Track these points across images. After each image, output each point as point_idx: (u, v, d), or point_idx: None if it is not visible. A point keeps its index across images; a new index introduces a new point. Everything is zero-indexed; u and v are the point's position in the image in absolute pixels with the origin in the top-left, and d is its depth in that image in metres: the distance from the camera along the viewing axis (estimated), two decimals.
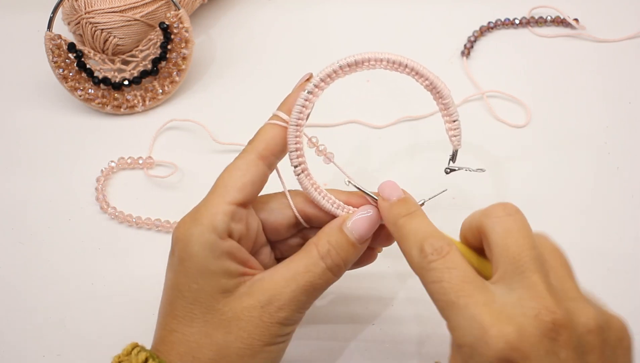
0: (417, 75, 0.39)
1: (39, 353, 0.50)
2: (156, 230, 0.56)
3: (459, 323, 0.33)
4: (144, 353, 0.38)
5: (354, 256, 0.41)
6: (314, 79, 0.39)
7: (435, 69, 0.66)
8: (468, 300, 0.33)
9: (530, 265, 0.34)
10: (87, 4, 0.61)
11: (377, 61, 0.39)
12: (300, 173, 0.41)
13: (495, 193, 0.56)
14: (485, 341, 0.32)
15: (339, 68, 0.39)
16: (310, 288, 0.39)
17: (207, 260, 0.38)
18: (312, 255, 0.40)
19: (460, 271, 0.34)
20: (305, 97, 0.39)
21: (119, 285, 0.53)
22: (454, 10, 0.70)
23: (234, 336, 0.38)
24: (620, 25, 0.67)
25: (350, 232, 0.40)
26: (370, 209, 0.41)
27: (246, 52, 0.68)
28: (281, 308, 0.39)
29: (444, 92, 0.39)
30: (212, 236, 0.38)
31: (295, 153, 0.40)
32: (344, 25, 0.70)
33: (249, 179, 0.40)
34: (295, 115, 0.40)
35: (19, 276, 0.54)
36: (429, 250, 0.35)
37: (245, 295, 0.39)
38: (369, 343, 0.49)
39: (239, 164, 0.41)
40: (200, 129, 0.62)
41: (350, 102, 0.63)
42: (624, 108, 0.61)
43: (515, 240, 0.34)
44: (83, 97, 0.63)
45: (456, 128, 0.40)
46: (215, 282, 0.39)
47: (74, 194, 0.59)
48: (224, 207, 0.39)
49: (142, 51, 0.63)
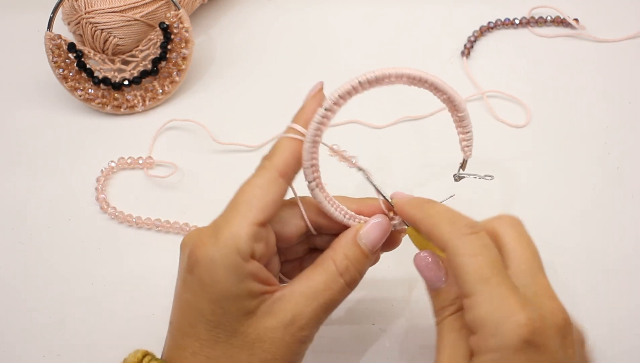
0: (436, 90, 0.39)
1: (39, 353, 0.50)
2: (156, 230, 0.56)
3: (489, 298, 0.34)
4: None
5: (368, 267, 0.41)
6: (333, 95, 0.38)
7: (435, 69, 0.66)
8: (501, 279, 0.34)
9: (541, 268, 0.37)
10: (87, 4, 0.61)
11: (397, 77, 0.38)
12: (315, 187, 0.40)
13: (495, 193, 0.56)
14: (514, 321, 0.33)
15: (359, 85, 0.38)
16: (331, 306, 0.39)
17: (232, 285, 0.37)
18: (330, 272, 0.39)
19: (495, 252, 0.35)
20: (323, 114, 0.38)
21: (119, 285, 0.53)
22: (454, 10, 0.70)
23: (257, 358, 0.38)
24: (620, 25, 0.67)
25: (363, 243, 0.40)
26: (382, 218, 0.41)
27: (246, 52, 0.68)
28: (303, 328, 0.38)
29: (461, 106, 0.40)
30: (237, 259, 0.37)
31: (310, 169, 0.39)
32: (344, 25, 0.70)
33: (270, 199, 0.39)
34: (312, 132, 0.38)
35: (19, 276, 0.54)
36: (464, 223, 0.36)
37: (266, 315, 0.38)
38: (369, 343, 0.49)
39: (260, 182, 0.39)
40: (200, 129, 0.62)
41: (350, 102, 0.63)
42: (624, 108, 0.61)
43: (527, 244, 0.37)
44: (83, 97, 0.63)
45: (469, 139, 0.41)
46: (239, 305, 0.38)
47: (74, 194, 0.59)
48: (247, 229, 0.38)
49: (142, 51, 0.63)
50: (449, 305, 0.38)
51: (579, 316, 0.50)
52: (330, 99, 0.38)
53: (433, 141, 0.60)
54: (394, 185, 0.57)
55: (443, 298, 0.39)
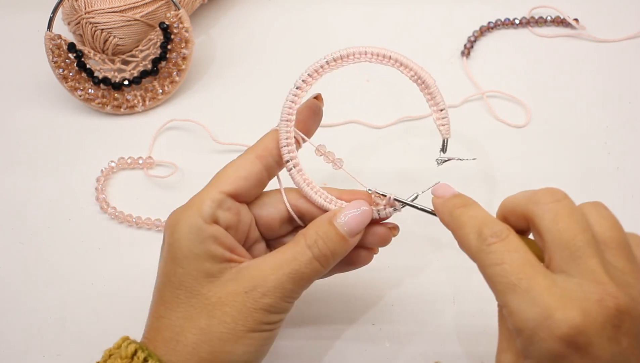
0: (402, 66, 0.40)
1: (39, 353, 0.50)
2: (156, 230, 0.56)
3: (520, 307, 0.32)
4: (134, 345, 0.38)
5: (343, 249, 0.41)
6: (303, 74, 0.40)
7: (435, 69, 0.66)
8: (530, 282, 0.32)
9: (585, 249, 0.33)
10: (87, 4, 0.61)
11: (361, 54, 0.40)
12: (292, 168, 0.42)
13: (495, 193, 0.56)
14: (549, 325, 0.31)
15: (325, 63, 0.40)
16: (296, 276, 0.39)
17: (192, 244, 0.39)
18: (299, 244, 0.40)
19: (521, 253, 0.34)
20: (294, 92, 0.41)
21: (119, 284, 0.53)
22: (454, 10, 0.70)
23: (217, 320, 0.39)
24: (620, 25, 0.67)
25: (340, 225, 0.40)
26: (363, 204, 0.41)
27: (246, 52, 0.68)
28: (265, 294, 0.39)
29: (428, 82, 0.40)
30: (198, 220, 0.40)
31: (286, 148, 0.41)
32: (344, 25, 0.70)
33: (241, 174, 0.41)
34: (285, 110, 0.41)
35: (19, 276, 0.54)
36: (488, 233, 0.35)
37: (230, 281, 0.39)
38: (369, 343, 0.49)
39: (235, 161, 0.42)
40: (200, 129, 0.62)
41: (350, 102, 0.63)
42: (624, 108, 0.61)
43: (566, 225, 0.34)
44: (83, 97, 0.63)
45: (444, 117, 0.40)
46: (199, 265, 0.39)
47: (74, 194, 0.59)
48: (213, 195, 0.40)
49: (142, 51, 0.63)
50: None
51: None
52: (300, 78, 0.41)
53: (433, 141, 0.60)
54: (394, 185, 0.57)
55: None
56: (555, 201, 0.35)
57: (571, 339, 0.31)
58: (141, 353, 0.38)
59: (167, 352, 0.39)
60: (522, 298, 0.32)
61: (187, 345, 0.39)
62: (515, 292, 0.32)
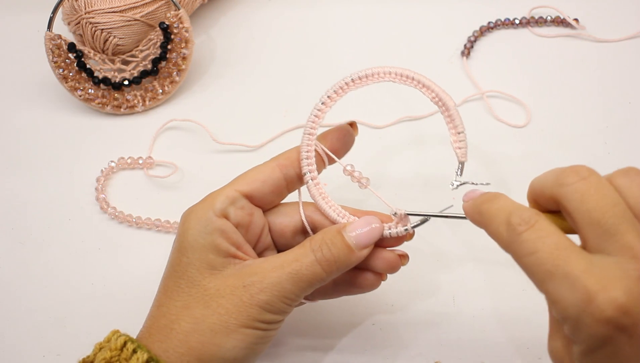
0: (424, 87, 0.41)
1: (39, 353, 0.50)
2: (156, 230, 0.56)
3: (560, 294, 0.31)
4: (123, 338, 0.39)
5: (348, 259, 0.41)
6: (327, 91, 0.42)
7: (435, 69, 0.66)
8: (567, 267, 0.31)
9: (620, 225, 0.31)
10: (87, 4, 0.61)
11: (385, 74, 0.41)
12: (310, 180, 0.43)
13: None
14: (592, 310, 0.30)
15: (351, 81, 0.41)
16: (296, 277, 0.39)
17: (199, 234, 0.40)
18: (304, 247, 0.41)
19: (554, 238, 0.32)
20: (319, 107, 0.42)
21: (119, 285, 0.53)
22: (454, 10, 0.70)
23: (212, 311, 0.39)
24: (620, 25, 0.67)
25: (349, 236, 0.41)
26: (375, 220, 0.42)
27: (246, 52, 0.68)
28: (263, 290, 0.39)
29: (449, 104, 0.40)
30: (209, 212, 0.41)
31: (305, 161, 0.42)
32: (343, 25, 0.70)
33: (259, 177, 0.42)
34: (308, 125, 0.42)
35: (19, 276, 0.54)
36: (516, 221, 0.33)
37: (231, 275, 0.40)
38: (369, 343, 0.49)
39: (257, 166, 0.44)
40: (200, 129, 0.62)
41: (350, 102, 0.63)
42: (624, 108, 0.61)
43: (595, 203, 0.32)
44: (83, 97, 0.63)
45: (461, 140, 0.40)
46: (203, 256, 0.40)
47: (74, 194, 0.59)
48: (227, 192, 0.42)
49: (142, 51, 0.63)
50: None
51: None
52: (325, 94, 0.42)
53: (433, 141, 0.60)
54: (394, 185, 0.57)
55: None
56: (580, 180, 0.33)
57: (617, 321, 0.29)
58: (130, 345, 0.38)
59: (160, 339, 0.39)
60: (561, 284, 0.31)
61: (180, 333, 0.39)
62: (553, 280, 0.31)
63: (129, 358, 0.38)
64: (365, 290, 0.45)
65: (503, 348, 0.48)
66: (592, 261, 0.31)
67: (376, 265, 0.43)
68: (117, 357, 0.38)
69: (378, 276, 0.44)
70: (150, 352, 0.38)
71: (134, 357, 0.38)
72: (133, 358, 0.38)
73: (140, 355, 0.38)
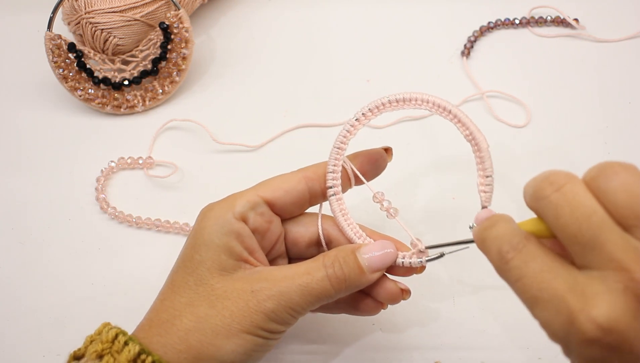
0: (459, 123, 0.40)
1: (39, 353, 0.50)
2: (156, 230, 0.56)
3: (546, 318, 0.30)
4: (114, 330, 0.39)
5: (358, 280, 0.41)
6: (362, 109, 0.41)
7: (435, 69, 0.66)
8: (550, 290, 0.30)
9: (598, 236, 0.29)
10: (87, 4, 0.61)
11: (423, 101, 0.40)
12: (332, 195, 0.43)
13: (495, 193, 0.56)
14: (575, 331, 0.28)
15: (388, 102, 0.41)
16: (305, 290, 0.39)
17: (215, 234, 0.40)
18: (317, 261, 0.41)
19: (538, 261, 0.31)
20: (352, 123, 0.42)
21: (119, 285, 0.53)
22: (454, 10, 0.70)
23: (216, 312, 0.39)
24: (620, 25, 0.67)
25: (362, 258, 0.41)
26: (389, 246, 0.42)
27: (246, 52, 0.68)
28: (270, 298, 0.39)
29: (482, 146, 0.39)
30: (228, 213, 0.41)
31: (331, 174, 0.42)
32: (343, 25, 0.70)
33: (284, 186, 0.42)
34: (339, 138, 0.42)
35: (19, 276, 0.54)
36: (505, 249, 0.32)
37: (240, 279, 0.40)
38: (369, 343, 0.49)
39: (283, 174, 0.43)
40: (200, 129, 0.62)
41: (351, 102, 0.63)
42: (624, 108, 0.61)
43: (569, 216, 0.30)
44: (83, 97, 0.63)
45: (488, 185, 0.39)
46: (215, 256, 0.40)
47: (74, 194, 0.59)
48: (249, 196, 0.42)
49: (142, 51, 0.63)
50: None
51: None
52: (360, 111, 0.41)
53: (433, 141, 0.60)
54: (394, 185, 0.57)
55: None
56: (554, 192, 0.31)
57: (601, 341, 0.28)
58: (122, 337, 0.38)
59: (160, 333, 0.39)
60: (546, 308, 0.30)
61: (180, 330, 0.39)
62: (539, 304, 0.30)
63: (121, 350, 0.38)
64: (364, 314, 0.45)
65: (503, 348, 0.48)
66: (576, 279, 0.30)
67: (378, 294, 0.43)
68: (108, 350, 0.38)
69: (379, 304, 0.44)
70: (142, 344, 0.38)
71: (125, 349, 0.38)
72: (124, 350, 0.37)
73: (131, 348, 0.37)
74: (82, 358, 0.39)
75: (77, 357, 0.39)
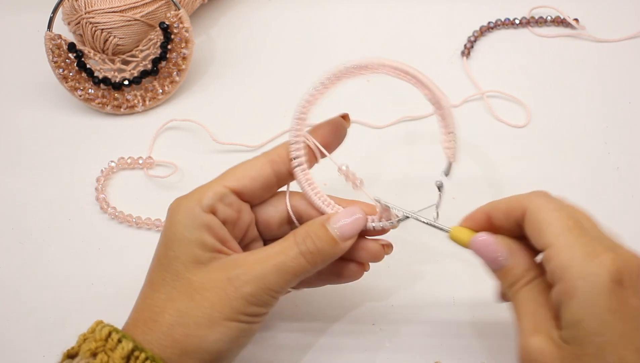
0: (418, 83, 0.39)
1: (39, 353, 0.50)
2: (156, 230, 0.56)
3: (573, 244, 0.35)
4: (108, 328, 0.39)
5: (332, 251, 0.41)
6: (321, 77, 0.40)
7: (435, 69, 0.66)
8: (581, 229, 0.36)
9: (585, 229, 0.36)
10: (87, 4, 0.61)
11: (379, 65, 0.40)
12: (297, 166, 0.42)
13: (495, 193, 0.56)
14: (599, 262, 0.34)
15: (345, 69, 0.40)
16: (281, 269, 0.39)
17: (186, 229, 0.40)
18: (288, 240, 0.41)
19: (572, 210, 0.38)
20: (311, 93, 0.40)
21: (119, 285, 0.53)
22: (454, 10, 0.70)
23: (196, 304, 0.39)
24: (620, 25, 0.67)
25: (332, 228, 0.41)
26: (358, 211, 0.41)
27: (246, 52, 0.68)
28: (248, 283, 0.39)
29: (442, 103, 0.39)
30: (196, 207, 0.41)
31: (294, 146, 0.42)
32: (343, 25, 0.70)
33: (249, 173, 0.42)
34: (299, 110, 0.41)
35: (19, 276, 0.54)
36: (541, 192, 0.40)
37: (216, 269, 0.40)
38: (369, 343, 0.49)
39: (247, 161, 0.43)
40: (200, 129, 0.62)
41: (350, 102, 0.63)
42: (624, 108, 0.61)
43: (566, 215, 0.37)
44: (83, 97, 0.63)
45: (450, 141, 0.39)
46: (189, 251, 0.40)
47: (74, 194, 0.59)
48: (216, 188, 0.42)
49: (142, 50, 0.63)
50: (520, 279, 0.38)
51: None
52: (318, 80, 0.40)
53: (433, 141, 0.60)
54: (394, 185, 0.57)
55: (513, 274, 0.39)
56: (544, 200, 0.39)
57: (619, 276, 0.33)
58: (115, 334, 0.38)
59: (145, 331, 0.39)
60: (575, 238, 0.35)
61: (163, 325, 0.39)
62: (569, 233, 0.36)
63: (114, 348, 0.38)
64: (348, 280, 0.45)
65: (503, 349, 0.48)
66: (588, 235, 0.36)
67: (359, 256, 0.43)
68: (102, 347, 0.38)
69: (361, 267, 0.44)
70: (135, 340, 0.38)
71: (119, 346, 0.38)
72: (118, 348, 0.37)
73: (125, 345, 0.37)
74: (75, 356, 0.39)
75: (71, 355, 0.39)
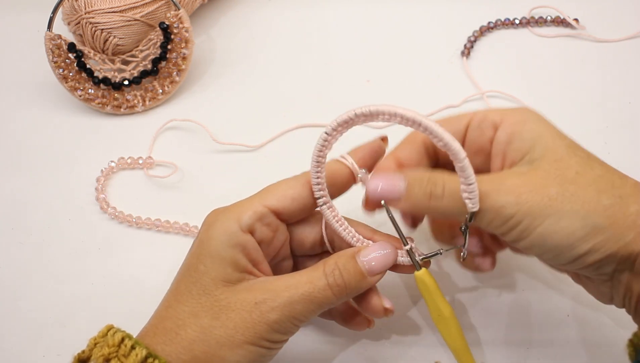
0: (432, 135, 0.38)
1: (39, 353, 0.50)
2: (156, 230, 0.56)
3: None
4: (120, 334, 0.39)
5: (359, 285, 0.41)
6: (332, 123, 0.40)
7: (435, 69, 0.66)
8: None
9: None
10: (87, 4, 0.61)
11: (391, 115, 0.39)
12: (322, 205, 0.42)
13: None
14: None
15: (355, 116, 0.40)
16: (308, 299, 0.39)
17: (221, 246, 0.40)
18: (317, 270, 0.41)
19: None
20: (324, 138, 0.41)
21: (119, 285, 0.53)
22: (454, 11, 0.70)
23: (220, 323, 0.39)
24: (620, 25, 0.67)
25: (361, 262, 0.41)
26: (388, 246, 0.42)
27: (246, 52, 0.68)
28: (274, 309, 0.39)
29: (459, 156, 0.38)
30: (235, 225, 0.40)
31: (317, 186, 0.42)
32: (343, 25, 0.70)
33: (289, 194, 0.42)
34: (315, 153, 0.41)
35: (19, 276, 0.54)
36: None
37: (243, 290, 0.40)
38: (369, 343, 0.49)
39: (287, 180, 0.43)
40: (200, 129, 0.62)
41: (350, 102, 0.63)
42: (624, 108, 0.61)
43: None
44: (83, 97, 0.63)
45: (472, 191, 0.38)
46: (221, 269, 0.40)
47: (74, 194, 0.59)
48: (256, 206, 0.41)
49: (142, 51, 0.63)
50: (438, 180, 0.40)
51: (580, 315, 0.50)
52: (330, 125, 0.40)
53: None
54: None
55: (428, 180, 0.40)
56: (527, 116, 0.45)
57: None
58: (128, 341, 0.38)
59: (164, 341, 0.39)
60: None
61: (184, 340, 0.39)
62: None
63: (127, 354, 0.37)
64: (351, 327, 0.46)
65: (503, 349, 0.48)
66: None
67: (364, 308, 0.44)
68: (115, 353, 0.38)
69: (366, 321, 0.45)
70: (149, 348, 0.38)
71: (132, 353, 0.37)
72: (132, 354, 0.37)
73: (139, 352, 0.37)
74: (87, 361, 0.39)
75: (82, 359, 0.39)
